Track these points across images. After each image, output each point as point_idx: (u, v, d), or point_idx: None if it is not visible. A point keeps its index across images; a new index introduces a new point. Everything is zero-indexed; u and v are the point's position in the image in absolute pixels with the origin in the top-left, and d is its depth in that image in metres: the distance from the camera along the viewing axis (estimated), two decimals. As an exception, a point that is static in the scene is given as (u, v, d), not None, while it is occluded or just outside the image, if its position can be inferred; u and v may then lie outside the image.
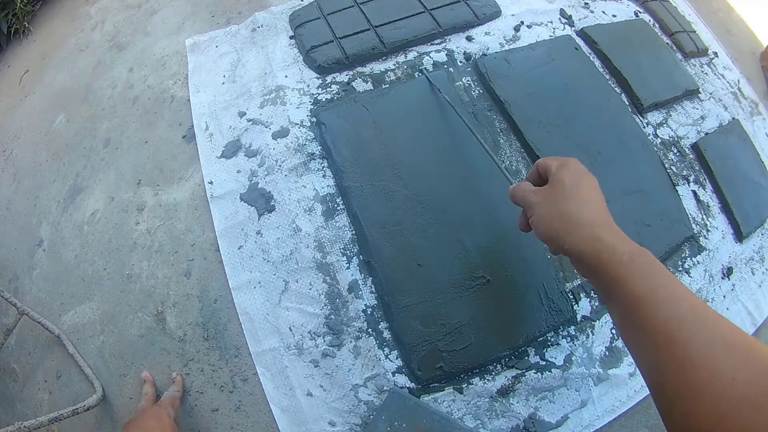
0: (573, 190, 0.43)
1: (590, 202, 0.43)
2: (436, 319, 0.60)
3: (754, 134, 0.91)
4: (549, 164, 0.47)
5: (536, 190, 0.47)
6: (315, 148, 0.70)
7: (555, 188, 0.44)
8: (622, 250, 0.39)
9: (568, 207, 0.42)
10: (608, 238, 0.40)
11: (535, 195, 0.46)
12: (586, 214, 0.42)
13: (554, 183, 0.45)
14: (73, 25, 1.10)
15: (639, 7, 0.98)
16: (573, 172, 0.45)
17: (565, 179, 0.44)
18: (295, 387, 0.59)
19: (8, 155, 0.96)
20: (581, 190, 0.43)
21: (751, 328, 0.75)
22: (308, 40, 0.78)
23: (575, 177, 0.44)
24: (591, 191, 0.44)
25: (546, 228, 0.44)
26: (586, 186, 0.44)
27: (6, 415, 0.74)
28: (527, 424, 0.58)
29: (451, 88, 0.74)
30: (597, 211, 0.42)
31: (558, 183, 0.44)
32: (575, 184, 0.44)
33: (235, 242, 0.66)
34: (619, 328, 0.40)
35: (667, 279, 0.37)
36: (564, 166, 0.46)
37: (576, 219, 0.41)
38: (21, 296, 0.77)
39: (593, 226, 0.41)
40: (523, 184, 0.49)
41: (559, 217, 0.42)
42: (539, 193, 0.46)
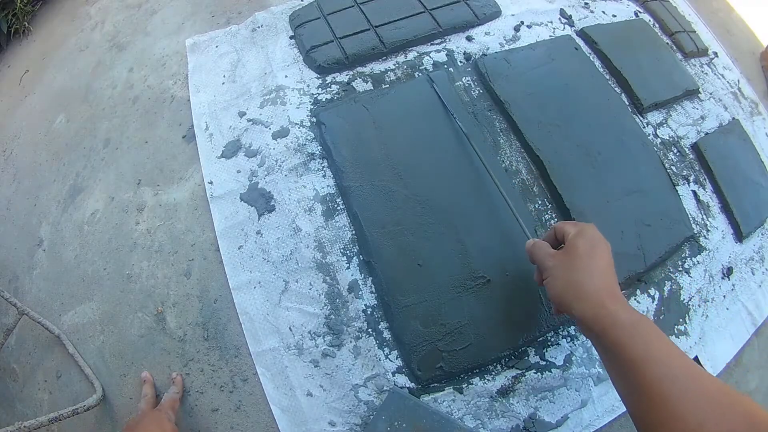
0: (585, 259, 0.47)
1: (600, 272, 0.46)
2: (436, 319, 0.60)
3: (754, 134, 0.91)
4: (567, 230, 0.51)
5: (553, 254, 0.50)
6: (315, 148, 0.70)
7: (570, 255, 0.48)
8: (624, 317, 0.42)
9: (580, 276, 0.46)
10: (612, 305, 0.43)
11: (551, 259, 0.49)
12: (594, 283, 0.45)
13: (569, 250, 0.48)
14: (73, 25, 1.10)
15: (639, 7, 0.98)
16: (588, 241, 0.48)
17: (580, 247, 0.48)
18: (295, 387, 0.59)
19: (8, 155, 0.96)
20: (593, 259, 0.47)
21: (751, 328, 0.75)
22: (308, 40, 0.78)
23: (589, 246, 0.48)
24: (602, 260, 0.47)
25: (558, 292, 0.47)
26: (599, 255, 0.47)
27: (6, 415, 0.74)
28: (527, 424, 0.58)
29: (451, 88, 0.74)
30: (605, 280, 0.46)
31: (573, 250, 0.48)
32: (588, 253, 0.47)
33: (235, 242, 0.66)
34: (616, 384, 0.44)
35: (662, 342, 0.41)
36: (580, 233, 0.49)
37: (585, 288, 0.45)
38: (21, 296, 0.77)
39: (600, 294, 0.44)
40: (541, 245, 0.52)
41: (570, 284, 0.46)
42: (555, 257, 0.49)
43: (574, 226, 0.51)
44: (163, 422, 0.55)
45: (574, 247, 0.48)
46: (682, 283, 0.71)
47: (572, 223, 0.52)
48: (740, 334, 0.73)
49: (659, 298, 0.68)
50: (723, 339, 0.71)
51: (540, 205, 0.70)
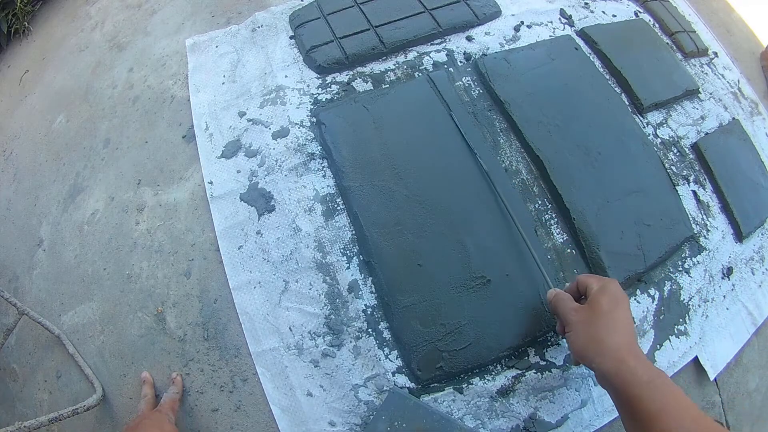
0: (608, 316, 0.49)
1: (621, 328, 0.48)
2: (436, 319, 0.60)
3: (754, 134, 0.91)
4: (590, 284, 0.52)
5: (576, 308, 0.51)
6: (315, 148, 0.70)
7: (593, 311, 0.50)
8: (642, 372, 0.45)
9: (602, 332, 0.48)
10: (632, 362, 0.45)
11: (575, 314, 0.51)
12: (615, 339, 0.47)
13: (592, 306, 0.50)
14: (73, 25, 1.10)
15: (639, 7, 0.98)
16: (611, 297, 0.50)
17: (603, 304, 0.49)
18: (295, 387, 0.59)
19: (8, 155, 0.96)
20: (615, 315, 0.49)
21: (751, 327, 0.75)
22: (308, 40, 0.78)
23: (612, 302, 0.49)
24: (623, 316, 0.49)
25: (580, 348, 0.50)
26: (620, 311, 0.49)
27: (6, 415, 0.74)
28: (527, 424, 0.58)
29: (451, 88, 0.74)
30: (625, 336, 0.48)
31: (596, 306, 0.50)
32: (611, 310, 0.49)
33: (235, 242, 0.66)
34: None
35: (677, 396, 0.44)
36: (603, 289, 0.51)
37: (607, 344, 0.47)
38: (21, 296, 0.77)
39: (620, 350, 0.46)
40: (564, 298, 0.54)
41: (593, 340, 0.48)
42: (578, 312, 0.51)
43: (597, 280, 0.52)
44: (163, 423, 0.54)
45: (597, 303, 0.50)
46: (682, 283, 0.71)
47: (596, 278, 0.53)
48: (740, 334, 0.73)
49: (659, 298, 0.68)
50: (723, 339, 0.71)
51: (540, 205, 0.70)
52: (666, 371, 0.65)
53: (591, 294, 0.51)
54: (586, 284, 0.53)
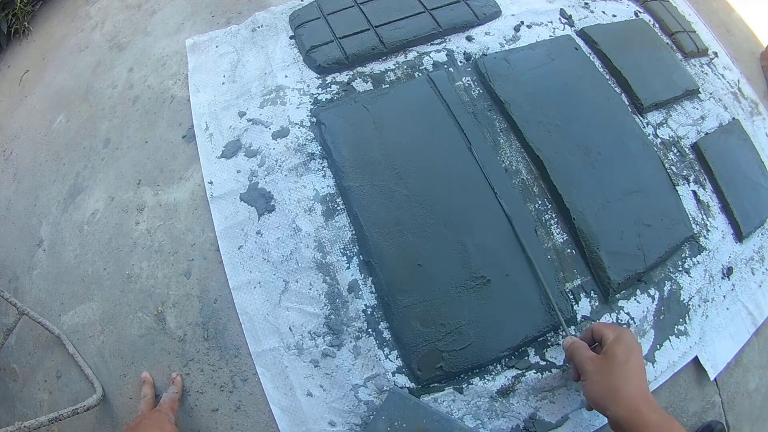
0: (623, 366, 0.50)
1: (635, 378, 0.50)
2: (436, 319, 0.60)
3: (754, 134, 0.91)
4: (606, 333, 0.54)
5: (592, 358, 0.53)
6: (315, 148, 0.70)
7: (609, 362, 0.51)
8: (653, 419, 0.47)
9: (617, 382, 0.49)
10: (644, 410, 0.47)
11: (591, 363, 0.53)
12: (630, 389, 0.49)
13: (608, 356, 0.52)
14: (73, 25, 1.10)
15: (639, 7, 0.98)
16: (626, 347, 0.52)
17: (618, 354, 0.51)
18: (295, 387, 0.59)
19: (8, 155, 0.96)
20: (630, 365, 0.50)
21: (752, 328, 0.75)
22: (308, 40, 0.78)
23: (627, 353, 0.51)
24: (637, 366, 0.51)
25: (596, 396, 0.51)
26: (634, 361, 0.51)
27: (6, 415, 0.74)
28: (527, 424, 0.58)
29: (451, 88, 0.74)
30: (640, 386, 0.50)
31: (612, 356, 0.51)
32: (626, 360, 0.51)
33: (235, 242, 0.66)
34: None
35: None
36: (619, 339, 0.53)
37: (622, 393, 0.49)
38: (21, 296, 0.77)
39: (635, 399, 0.48)
40: (580, 346, 0.55)
41: (609, 390, 0.50)
42: (594, 362, 0.52)
43: (612, 330, 0.54)
44: (163, 423, 0.54)
45: (613, 354, 0.51)
46: (682, 283, 0.71)
47: (611, 327, 0.55)
48: (740, 334, 0.73)
49: (659, 298, 0.68)
50: (723, 339, 0.71)
51: (540, 205, 0.70)
52: (666, 371, 0.65)
53: (606, 344, 0.53)
54: (602, 333, 0.54)
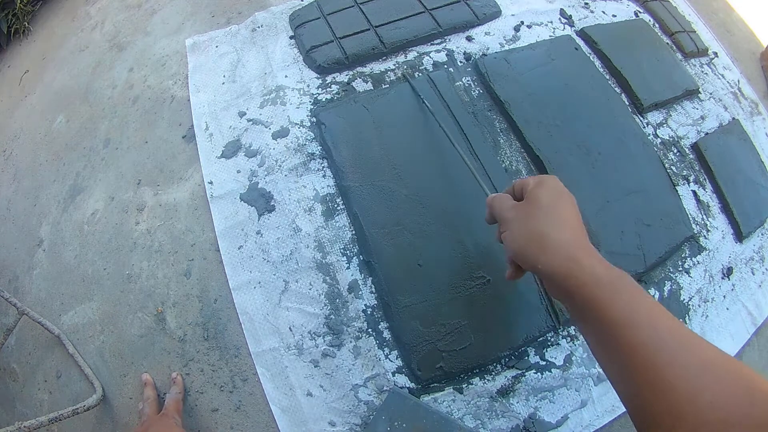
0: (549, 209, 0.42)
1: (567, 222, 0.42)
2: (436, 319, 0.60)
3: (754, 134, 0.91)
4: (526, 182, 0.46)
5: (513, 205, 0.46)
6: (315, 148, 0.70)
7: (531, 205, 0.43)
8: (600, 272, 0.38)
9: (544, 226, 0.41)
10: (586, 259, 0.39)
11: (510, 211, 0.45)
12: (562, 234, 0.40)
13: (530, 200, 0.44)
14: (73, 25, 1.10)
15: (639, 7, 0.98)
16: (551, 190, 0.44)
17: (542, 197, 0.43)
18: (295, 387, 0.59)
19: (8, 155, 0.96)
20: (558, 209, 0.42)
21: (752, 327, 0.75)
22: (308, 40, 0.78)
23: (553, 195, 0.43)
24: (568, 210, 0.43)
25: (519, 246, 0.42)
26: (563, 205, 0.43)
27: (6, 415, 0.74)
28: (527, 424, 0.58)
29: (451, 88, 0.74)
30: (574, 231, 0.41)
31: (534, 200, 0.43)
32: (552, 203, 0.43)
33: (235, 242, 0.66)
34: (594, 351, 0.39)
35: (646, 302, 0.36)
36: (541, 183, 0.45)
37: (551, 239, 0.40)
38: (21, 296, 0.77)
39: (569, 246, 0.40)
40: (501, 197, 0.48)
41: (533, 235, 0.41)
42: (514, 209, 0.45)
43: (533, 178, 0.46)
44: (172, 428, 0.54)
45: (535, 197, 0.43)
46: (682, 283, 0.71)
47: (533, 177, 0.47)
48: (740, 334, 0.73)
49: (659, 298, 0.68)
50: (723, 339, 0.71)
51: (540, 205, 0.70)
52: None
53: (528, 190, 0.45)
54: (523, 183, 0.46)
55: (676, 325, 0.35)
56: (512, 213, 0.44)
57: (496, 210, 0.47)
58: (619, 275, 0.38)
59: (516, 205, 0.45)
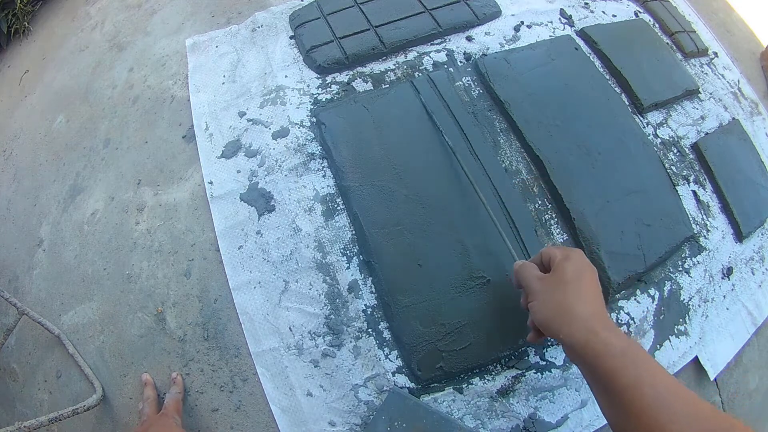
0: (573, 284, 0.46)
1: (588, 297, 0.46)
2: (436, 319, 0.60)
3: (754, 134, 0.91)
4: (554, 254, 0.50)
5: (540, 277, 0.49)
6: (315, 148, 0.70)
7: (556, 280, 0.47)
8: (614, 343, 0.42)
9: (567, 300, 0.45)
10: (602, 332, 0.43)
11: (538, 283, 0.49)
12: (583, 308, 0.45)
13: (557, 273, 0.48)
14: (73, 25, 1.10)
15: (639, 7, 0.98)
16: (575, 265, 0.48)
17: (568, 272, 0.47)
18: (295, 387, 0.59)
19: (8, 155, 0.96)
20: (581, 283, 0.47)
21: (752, 328, 0.75)
22: (308, 40, 0.78)
23: (577, 271, 0.47)
24: (590, 285, 0.47)
25: (545, 317, 0.47)
26: (587, 280, 0.47)
27: (6, 415, 0.74)
28: (527, 424, 0.58)
29: (451, 88, 0.74)
30: (593, 305, 0.45)
31: (560, 274, 0.47)
32: (576, 278, 0.47)
33: (235, 242, 0.66)
34: (603, 409, 0.44)
35: (651, 366, 0.42)
36: (568, 258, 0.49)
37: (573, 312, 0.44)
38: (21, 296, 0.77)
39: (588, 320, 0.44)
40: (529, 266, 0.52)
41: (558, 308, 0.46)
42: (542, 281, 0.49)
43: (560, 250, 0.50)
44: (172, 428, 0.54)
45: (562, 271, 0.48)
46: (682, 283, 0.71)
47: (559, 248, 0.51)
48: (740, 334, 0.73)
49: (659, 298, 0.68)
50: (723, 339, 0.71)
51: (540, 205, 0.70)
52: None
53: (555, 263, 0.49)
54: (550, 255, 0.50)
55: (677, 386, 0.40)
56: (539, 285, 0.49)
57: (524, 280, 0.51)
58: (629, 344, 0.43)
59: (543, 277, 0.49)
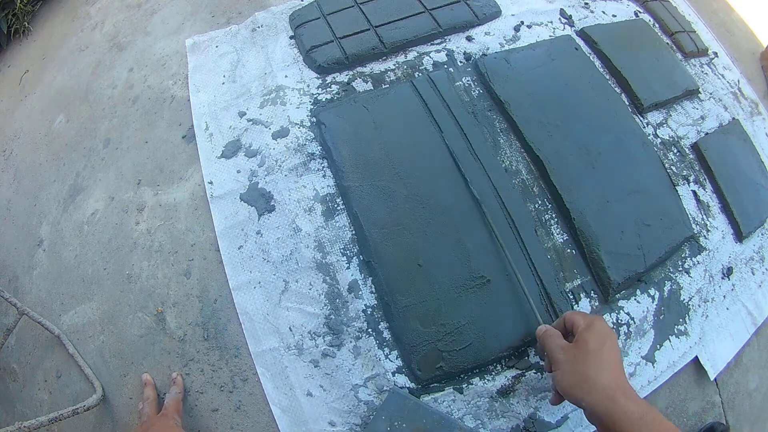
0: (596, 354, 0.49)
1: (609, 366, 0.48)
2: (436, 319, 0.60)
3: (754, 134, 0.91)
4: (577, 322, 0.52)
5: (563, 347, 0.51)
6: (315, 148, 0.70)
7: (579, 350, 0.50)
8: (633, 410, 0.45)
9: (590, 370, 0.48)
10: (622, 400, 0.46)
11: (562, 352, 0.51)
12: (604, 377, 0.47)
13: (579, 344, 0.50)
14: (73, 25, 1.10)
15: (639, 7, 0.98)
16: (598, 335, 0.50)
17: (590, 342, 0.49)
18: (295, 387, 0.59)
19: (8, 155, 0.96)
20: (603, 353, 0.49)
21: (752, 327, 0.75)
22: (308, 40, 0.78)
23: (599, 340, 0.50)
24: (611, 353, 0.49)
25: (568, 386, 0.49)
26: (608, 348, 0.50)
27: (6, 415, 0.74)
28: (527, 424, 0.58)
29: (451, 88, 0.74)
30: (614, 373, 0.48)
31: (583, 344, 0.50)
32: (598, 348, 0.49)
33: (235, 242, 0.66)
34: None
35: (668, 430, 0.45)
36: (590, 327, 0.51)
37: (595, 381, 0.47)
38: (21, 296, 0.77)
39: (609, 389, 0.46)
40: (553, 334, 0.54)
41: (580, 378, 0.48)
42: (566, 351, 0.51)
43: (583, 318, 0.52)
44: (172, 428, 0.54)
45: (585, 341, 0.50)
46: (682, 283, 0.71)
47: (581, 315, 0.53)
48: (740, 334, 0.73)
49: (659, 298, 0.68)
50: (723, 339, 0.71)
51: (540, 205, 0.70)
52: (666, 371, 0.65)
53: (578, 332, 0.51)
54: (573, 321, 0.53)
55: None
56: (562, 355, 0.51)
57: (548, 350, 0.53)
58: (648, 411, 0.45)
59: (566, 347, 0.51)
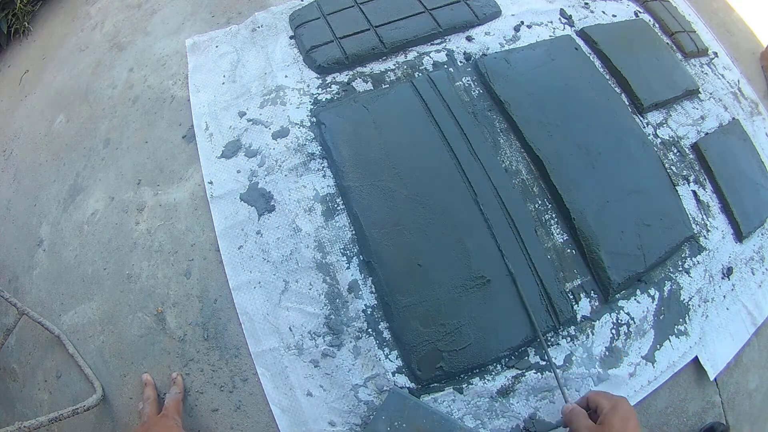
0: None
1: None
2: (436, 319, 0.60)
3: (754, 134, 0.91)
4: (601, 403, 0.54)
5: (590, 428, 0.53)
6: (315, 148, 0.70)
7: None
8: None
9: None
10: None
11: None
12: None
13: (605, 427, 0.52)
14: (73, 25, 1.10)
15: (639, 7, 0.98)
16: (622, 417, 0.52)
17: (615, 425, 0.51)
18: (295, 387, 0.59)
19: (8, 155, 0.96)
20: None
21: (751, 327, 0.75)
22: (308, 40, 0.78)
23: (623, 423, 0.51)
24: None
25: None
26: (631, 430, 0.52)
27: (6, 415, 0.74)
28: (527, 424, 0.58)
29: (451, 88, 0.74)
30: None
31: (609, 427, 0.52)
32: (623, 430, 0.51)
33: (235, 242, 0.66)
34: None
35: None
36: (614, 409, 0.53)
37: None
38: (21, 296, 0.77)
39: None
40: (579, 414, 0.55)
41: None
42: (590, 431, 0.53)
43: (608, 400, 0.54)
44: (172, 428, 0.54)
45: (610, 425, 0.52)
46: (682, 283, 0.71)
47: (605, 396, 0.55)
48: (740, 334, 0.73)
49: (659, 298, 0.68)
50: (723, 339, 0.71)
51: (540, 205, 0.70)
52: (666, 371, 0.65)
53: (603, 414, 0.53)
54: (597, 403, 0.55)
55: None
56: None
57: (575, 428, 0.55)
58: None
59: (593, 427, 0.53)
